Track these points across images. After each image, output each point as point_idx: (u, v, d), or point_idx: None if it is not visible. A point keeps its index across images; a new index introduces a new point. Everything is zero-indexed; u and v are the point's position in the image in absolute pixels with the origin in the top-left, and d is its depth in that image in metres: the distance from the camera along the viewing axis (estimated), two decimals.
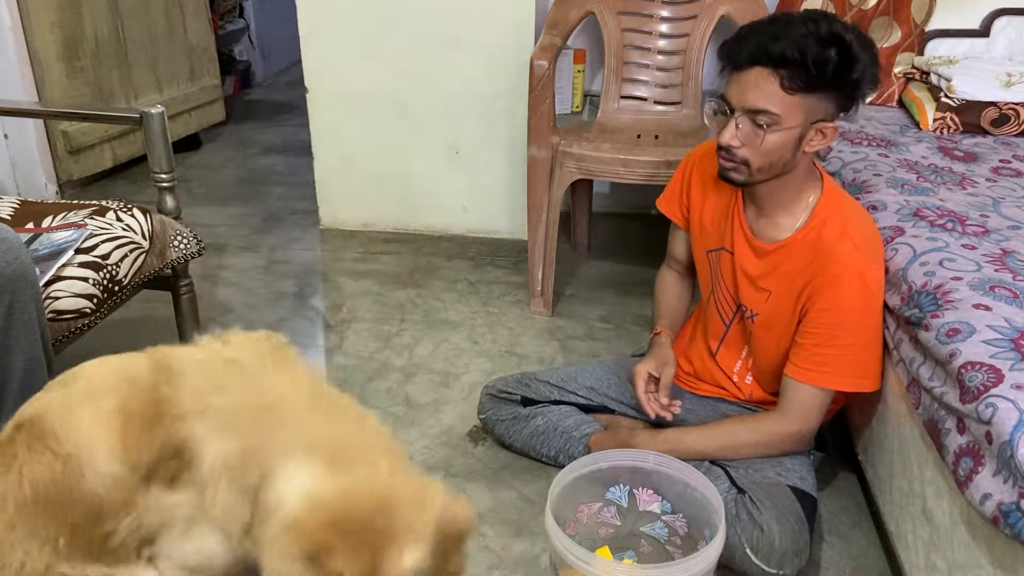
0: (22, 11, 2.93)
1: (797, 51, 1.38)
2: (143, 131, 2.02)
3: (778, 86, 1.41)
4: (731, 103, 1.47)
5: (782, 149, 1.46)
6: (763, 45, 1.40)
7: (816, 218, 1.54)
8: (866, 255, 1.52)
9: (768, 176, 1.51)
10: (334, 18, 2.76)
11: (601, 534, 1.57)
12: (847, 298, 1.50)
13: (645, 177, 2.25)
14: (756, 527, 1.49)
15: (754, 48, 1.42)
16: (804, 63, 1.38)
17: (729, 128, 1.47)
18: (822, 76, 1.39)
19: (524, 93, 2.36)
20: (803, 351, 1.55)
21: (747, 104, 1.44)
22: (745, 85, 1.44)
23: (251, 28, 4.97)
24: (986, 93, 2.26)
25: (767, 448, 1.62)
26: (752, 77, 1.43)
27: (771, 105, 1.42)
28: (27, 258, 1.50)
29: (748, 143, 1.47)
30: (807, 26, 1.39)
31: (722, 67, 1.50)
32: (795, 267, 1.55)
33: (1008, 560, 1.15)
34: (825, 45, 1.38)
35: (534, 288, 2.49)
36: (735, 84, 1.46)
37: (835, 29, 1.40)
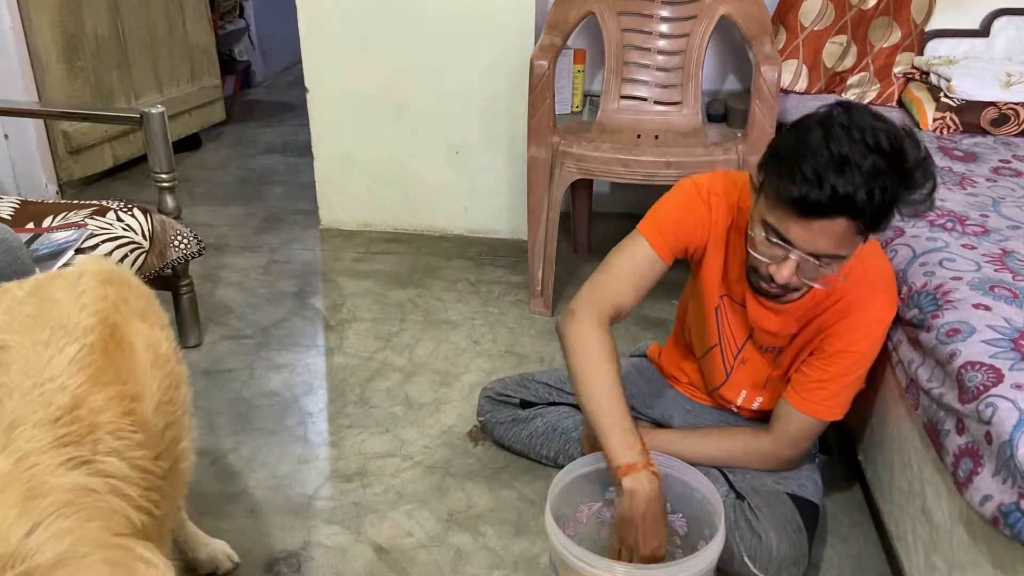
0: (22, 11, 2.93)
1: (881, 194, 1.22)
2: (143, 131, 2.02)
3: (856, 233, 1.27)
4: (794, 244, 1.30)
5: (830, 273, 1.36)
6: (848, 195, 1.22)
7: None
8: (889, 298, 1.48)
9: None
10: (334, 18, 2.76)
11: (601, 534, 1.57)
12: (866, 344, 1.48)
13: (645, 177, 2.25)
14: (754, 535, 1.49)
15: (837, 197, 1.22)
16: (886, 206, 1.25)
17: (788, 267, 1.33)
18: (894, 210, 1.28)
19: (524, 93, 2.36)
20: (810, 383, 1.51)
21: (819, 251, 1.29)
22: (818, 234, 1.27)
23: (251, 28, 4.96)
24: (986, 93, 2.26)
25: (757, 466, 1.61)
26: (830, 227, 1.25)
27: (843, 250, 1.30)
28: (27, 258, 1.50)
29: (806, 277, 1.35)
30: (874, 155, 1.22)
31: (789, 208, 1.27)
32: (815, 311, 1.50)
33: (1008, 560, 1.15)
34: (898, 181, 1.24)
35: (534, 288, 2.50)
36: (802, 228, 1.27)
37: (894, 138, 1.25)
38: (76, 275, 1.18)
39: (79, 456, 0.92)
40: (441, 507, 1.75)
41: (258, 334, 2.38)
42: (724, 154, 2.23)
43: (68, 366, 1.00)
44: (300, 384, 2.17)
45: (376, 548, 1.64)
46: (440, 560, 1.62)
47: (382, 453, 1.91)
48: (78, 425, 0.95)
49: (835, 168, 1.22)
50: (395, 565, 1.60)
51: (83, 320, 1.07)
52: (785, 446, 1.57)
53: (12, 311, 1.09)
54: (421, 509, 1.74)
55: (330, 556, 1.62)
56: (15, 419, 0.93)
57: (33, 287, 1.15)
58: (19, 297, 1.12)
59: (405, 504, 1.76)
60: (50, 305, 1.10)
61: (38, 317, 1.08)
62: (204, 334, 2.34)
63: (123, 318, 1.14)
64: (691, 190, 1.55)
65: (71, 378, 0.99)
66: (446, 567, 1.60)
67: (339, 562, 1.61)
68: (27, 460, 0.88)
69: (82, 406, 0.97)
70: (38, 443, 0.90)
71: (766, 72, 2.15)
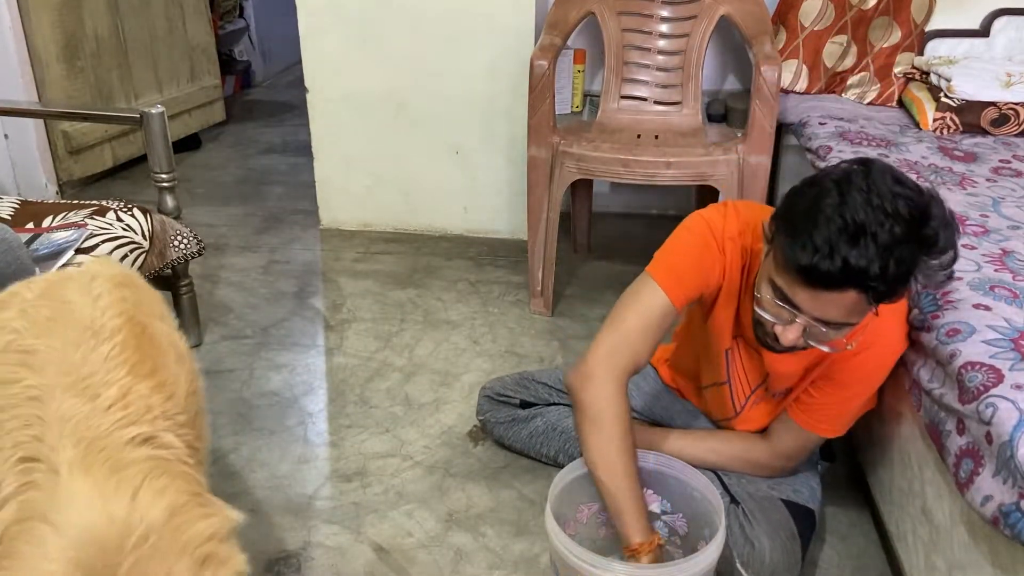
0: (22, 11, 2.93)
1: (896, 268, 1.16)
2: (143, 131, 2.02)
3: (866, 302, 1.21)
4: (801, 309, 1.26)
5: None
6: (861, 268, 1.16)
7: None
8: (901, 334, 1.43)
9: None
10: (334, 18, 2.76)
11: (601, 534, 1.57)
12: (876, 376, 1.45)
13: (645, 177, 2.25)
14: (747, 542, 1.48)
15: (848, 270, 1.16)
16: (900, 279, 1.19)
17: (794, 331, 1.28)
18: (909, 284, 1.23)
19: (524, 93, 2.36)
20: (815, 403, 1.49)
21: (827, 318, 1.25)
22: (827, 303, 1.22)
23: (251, 28, 4.96)
24: (986, 93, 2.26)
25: (749, 472, 1.60)
26: (840, 298, 1.21)
27: (854, 318, 1.26)
28: (27, 258, 1.50)
29: (813, 340, 1.31)
30: (892, 222, 1.16)
31: (799, 277, 1.22)
32: None
33: (1008, 560, 1.15)
34: (915, 252, 1.19)
35: (534, 288, 2.50)
36: (809, 296, 1.23)
37: (915, 207, 1.18)
38: (88, 278, 1.18)
39: (141, 433, 0.97)
40: (441, 507, 1.75)
41: (258, 334, 2.38)
42: (724, 154, 2.23)
43: (105, 363, 1.03)
44: (300, 384, 2.17)
45: (376, 548, 1.64)
46: (440, 560, 1.62)
47: (382, 453, 1.91)
48: (132, 408, 0.99)
49: (849, 239, 1.15)
50: (395, 565, 1.60)
51: (108, 321, 1.10)
52: (780, 458, 1.57)
53: (28, 315, 1.09)
54: (421, 509, 1.74)
55: (330, 556, 1.62)
56: (65, 414, 0.95)
57: (43, 290, 1.15)
58: (30, 300, 1.13)
59: (405, 504, 1.76)
60: (67, 307, 1.11)
61: (58, 320, 1.08)
62: (204, 334, 2.34)
63: (146, 318, 1.16)
64: (705, 234, 1.46)
65: (111, 373, 1.02)
66: (446, 567, 1.60)
67: (339, 562, 1.61)
68: (95, 445, 0.92)
69: (130, 394, 1.01)
70: (99, 429, 0.94)
71: (766, 72, 2.15)
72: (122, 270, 1.25)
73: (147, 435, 0.98)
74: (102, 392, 0.99)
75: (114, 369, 1.03)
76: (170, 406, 1.05)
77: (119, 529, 0.84)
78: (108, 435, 0.94)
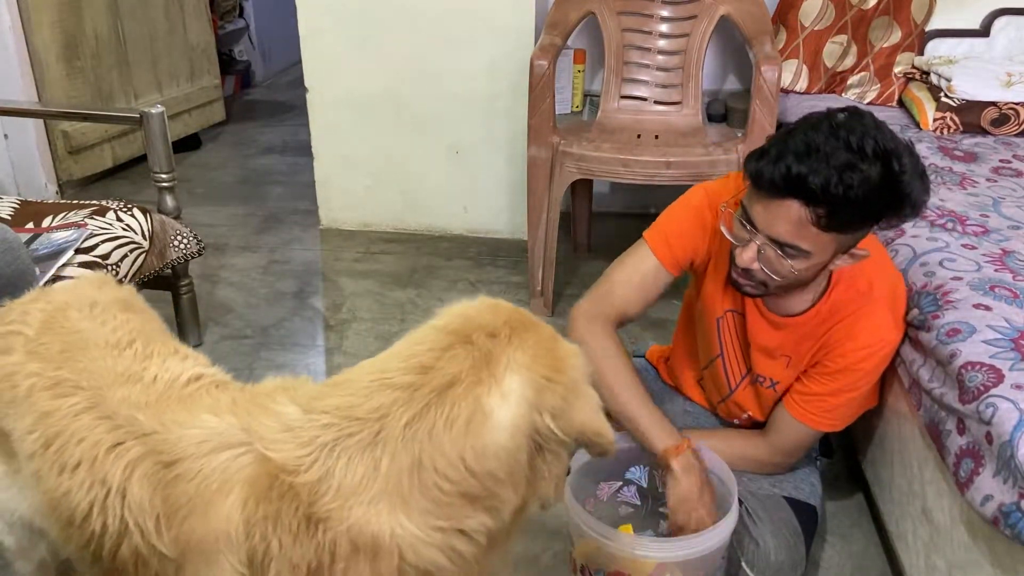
0: (22, 11, 2.93)
1: (841, 187, 1.18)
2: (143, 131, 2.02)
3: (812, 223, 1.22)
4: (755, 223, 1.28)
5: (804, 273, 1.32)
6: (801, 176, 1.19)
7: (836, 284, 1.42)
8: (897, 316, 1.43)
9: (787, 290, 1.40)
10: (334, 18, 2.76)
11: (621, 513, 1.57)
12: (869, 364, 1.43)
13: (645, 177, 2.25)
14: (752, 541, 1.48)
15: (789, 177, 1.20)
16: (846, 202, 1.19)
17: (750, 250, 1.30)
18: (868, 215, 1.24)
19: (524, 93, 2.36)
20: (810, 395, 1.48)
21: (774, 235, 1.26)
22: (774, 215, 1.25)
23: (251, 28, 4.96)
24: (986, 93, 2.26)
25: (750, 470, 1.59)
26: (783, 209, 1.23)
27: (803, 242, 1.25)
28: (27, 258, 1.50)
29: (768, 267, 1.31)
30: (849, 152, 1.19)
31: (751, 182, 1.28)
32: (816, 333, 1.45)
33: (1008, 560, 1.15)
34: (872, 184, 1.19)
35: (534, 288, 2.49)
36: (762, 207, 1.26)
37: (888, 162, 1.20)
38: (87, 304, 1.17)
39: (189, 376, 1.08)
40: None
41: (258, 334, 2.38)
42: (724, 154, 2.23)
43: (134, 361, 1.08)
44: None
45: None
46: None
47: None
48: (171, 372, 1.07)
49: (800, 152, 1.20)
50: None
51: (122, 337, 1.12)
52: (779, 454, 1.56)
53: (39, 354, 1.08)
54: None
55: None
56: (122, 398, 1.01)
57: (42, 323, 1.13)
58: (33, 338, 1.11)
59: None
60: (78, 336, 1.11)
61: (72, 349, 1.08)
62: (204, 334, 2.34)
63: (151, 337, 1.17)
64: (701, 202, 1.50)
65: (142, 363, 1.08)
66: None
67: None
68: (161, 399, 1.02)
69: (166, 369, 1.08)
70: (157, 392, 1.03)
71: (766, 72, 2.15)
72: (119, 293, 1.23)
73: (194, 375, 1.07)
74: (143, 376, 1.05)
75: (143, 360, 1.08)
76: None
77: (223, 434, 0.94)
78: (167, 389, 1.03)
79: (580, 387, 0.96)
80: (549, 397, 0.92)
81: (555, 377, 0.93)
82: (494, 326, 0.95)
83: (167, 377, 1.05)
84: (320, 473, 0.87)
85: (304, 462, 0.87)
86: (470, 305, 1.00)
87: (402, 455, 0.88)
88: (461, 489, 0.89)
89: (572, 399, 0.94)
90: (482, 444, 0.88)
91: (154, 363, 1.07)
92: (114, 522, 0.94)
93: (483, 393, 0.90)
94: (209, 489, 0.89)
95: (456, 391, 0.90)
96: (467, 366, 0.91)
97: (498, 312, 0.97)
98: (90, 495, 0.95)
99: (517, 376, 0.91)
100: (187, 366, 1.08)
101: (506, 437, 0.89)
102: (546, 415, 0.91)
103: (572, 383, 0.94)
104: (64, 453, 0.98)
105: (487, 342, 0.93)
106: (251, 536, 0.87)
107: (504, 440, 0.89)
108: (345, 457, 0.87)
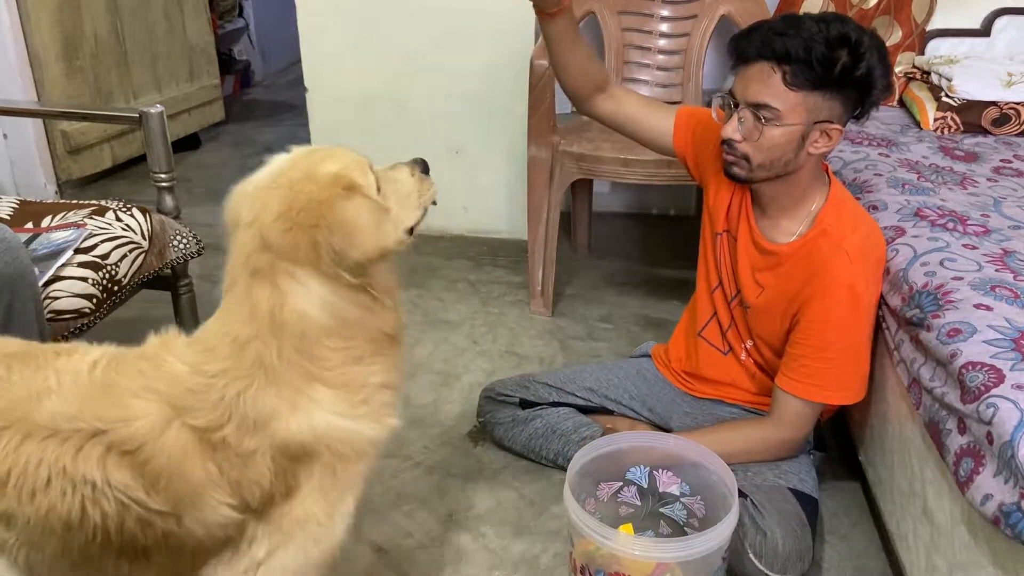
0: (22, 11, 2.93)
1: (803, 48, 1.38)
2: (142, 131, 2.02)
3: (780, 80, 1.41)
4: (735, 96, 1.48)
5: (784, 146, 1.46)
6: (769, 40, 1.41)
7: (817, 227, 1.54)
8: (860, 268, 1.51)
9: (770, 175, 1.51)
10: (334, 18, 2.76)
11: (621, 513, 1.57)
12: (836, 312, 1.50)
13: (645, 177, 2.25)
14: (759, 532, 1.49)
15: (760, 42, 1.42)
16: (808, 60, 1.38)
17: (732, 121, 1.48)
18: (827, 75, 1.39)
19: (524, 93, 2.36)
20: (792, 362, 1.56)
21: (749, 98, 1.45)
22: (748, 79, 1.45)
23: (251, 28, 4.96)
24: (987, 93, 2.25)
25: (760, 455, 1.62)
26: (755, 71, 1.44)
27: (772, 100, 1.42)
28: (26, 258, 1.50)
29: (749, 137, 1.47)
30: (818, 26, 1.39)
31: (731, 62, 1.51)
32: (790, 272, 1.56)
33: (1009, 561, 1.15)
34: (832, 45, 1.38)
35: (534, 288, 2.49)
36: (740, 77, 1.47)
37: (846, 30, 1.39)
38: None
39: None
40: (441, 507, 1.75)
41: None
42: None
43: (33, 379, 1.08)
44: None
45: (376, 548, 1.64)
46: (440, 560, 1.61)
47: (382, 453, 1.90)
48: None
49: (772, 27, 1.43)
50: (395, 565, 1.60)
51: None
52: (784, 428, 1.59)
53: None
54: (421, 509, 1.74)
55: None
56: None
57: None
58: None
59: (405, 504, 1.75)
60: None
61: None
62: None
63: (17, 346, 1.16)
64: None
65: None
66: (446, 567, 1.60)
67: (339, 562, 1.60)
68: None
69: None
70: None
71: None
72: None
73: (89, 362, 1.09)
74: (50, 385, 1.06)
75: (36, 372, 1.08)
76: None
77: None
78: (79, 386, 1.06)
79: (340, 226, 1.05)
80: (324, 266, 1.05)
81: (317, 242, 1.04)
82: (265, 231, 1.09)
83: (70, 376, 1.06)
84: (237, 422, 1.04)
85: (223, 419, 1.04)
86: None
87: (288, 373, 1.06)
88: (325, 347, 1.07)
89: (342, 244, 1.05)
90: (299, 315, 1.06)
91: (48, 371, 1.07)
92: (112, 505, 1.01)
93: (280, 282, 1.06)
94: (175, 459, 1.03)
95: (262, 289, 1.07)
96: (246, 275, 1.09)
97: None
98: (76, 496, 1.01)
99: (287, 271, 1.06)
100: (76, 359, 1.08)
101: (319, 317, 1.06)
102: (335, 261, 1.04)
103: (330, 230, 1.04)
104: (26, 480, 1.00)
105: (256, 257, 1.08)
106: (224, 473, 1.05)
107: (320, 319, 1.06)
108: (251, 401, 1.05)
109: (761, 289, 1.61)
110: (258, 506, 1.08)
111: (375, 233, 1.09)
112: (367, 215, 1.08)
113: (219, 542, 1.09)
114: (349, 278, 1.06)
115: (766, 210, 1.59)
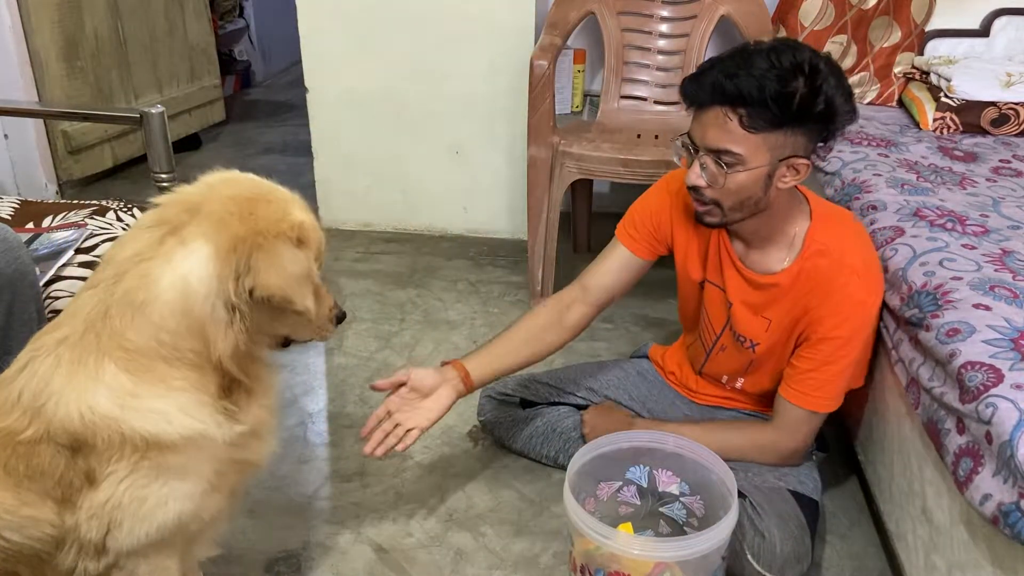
0: (22, 11, 2.93)
1: (756, 88, 1.30)
2: (143, 131, 2.02)
3: (737, 125, 1.34)
4: (695, 141, 1.41)
5: (751, 187, 1.40)
6: (719, 84, 1.33)
7: (810, 247, 1.49)
8: (868, 282, 1.49)
9: (744, 215, 1.46)
10: (334, 18, 2.76)
11: (621, 512, 1.58)
12: (847, 329, 1.47)
13: (645, 177, 2.25)
14: (757, 534, 1.48)
15: (710, 87, 1.35)
16: (763, 100, 1.31)
17: (694, 168, 1.42)
18: (785, 113, 1.32)
19: (524, 93, 2.36)
20: (798, 375, 1.53)
21: (708, 144, 1.38)
22: (705, 125, 1.38)
23: (251, 28, 4.96)
24: (986, 93, 2.26)
25: (759, 459, 1.61)
26: (711, 117, 1.36)
27: (732, 145, 1.36)
28: (27, 258, 1.50)
29: (714, 183, 1.40)
30: (769, 59, 1.32)
31: (685, 105, 1.43)
32: (796, 298, 1.51)
33: (1008, 560, 1.15)
34: (785, 79, 1.31)
35: (534, 288, 2.49)
36: (696, 122, 1.40)
37: (798, 59, 1.32)
38: None
39: None
40: (441, 507, 1.75)
41: None
42: None
43: None
44: (300, 384, 2.16)
45: (376, 548, 1.64)
46: (440, 560, 1.62)
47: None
48: None
49: (721, 68, 1.35)
50: (395, 565, 1.60)
51: None
52: (785, 438, 1.58)
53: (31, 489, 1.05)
54: (421, 509, 1.74)
55: (330, 556, 1.62)
56: None
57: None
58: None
59: (405, 504, 1.76)
60: None
61: None
62: None
63: None
64: (660, 181, 1.68)
65: None
66: (446, 567, 1.60)
67: (339, 562, 1.61)
68: None
69: None
70: None
71: None
72: None
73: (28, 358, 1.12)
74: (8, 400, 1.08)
75: None
76: None
77: None
78: None
79: (274, 250, 1.06)
80: (230, 261, 1.03)
81: (244, 241, 1.05)
82: (201, 199, 1.14)
83: (19, 385, 1.06)
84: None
85: None
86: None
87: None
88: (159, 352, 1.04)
89: (260, 262, 1.04)
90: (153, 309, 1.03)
91: None
92: None
93: (153, 267, 1.04)
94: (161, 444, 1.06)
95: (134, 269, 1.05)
96: (144, 245, 1.06)
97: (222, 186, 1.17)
98: None
99: (196, 242, 1.05)
100: (17, 367, 1.08)
101: (175, 297, 1.03)
102: (229, 277, 1.03)
103: (263, 246, 1.05)
104: (31, 483, 1.03)
105: (182, 216, 1.09)
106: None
107: (174, 301, 1.03)
108: None
109: (768, 322, 1.56)
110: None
111: (294, 286, 1.08)
112: (298, 269, 1.09)
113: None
114: (238, 302, 1.04)
115: (750, 243, 1.54)
